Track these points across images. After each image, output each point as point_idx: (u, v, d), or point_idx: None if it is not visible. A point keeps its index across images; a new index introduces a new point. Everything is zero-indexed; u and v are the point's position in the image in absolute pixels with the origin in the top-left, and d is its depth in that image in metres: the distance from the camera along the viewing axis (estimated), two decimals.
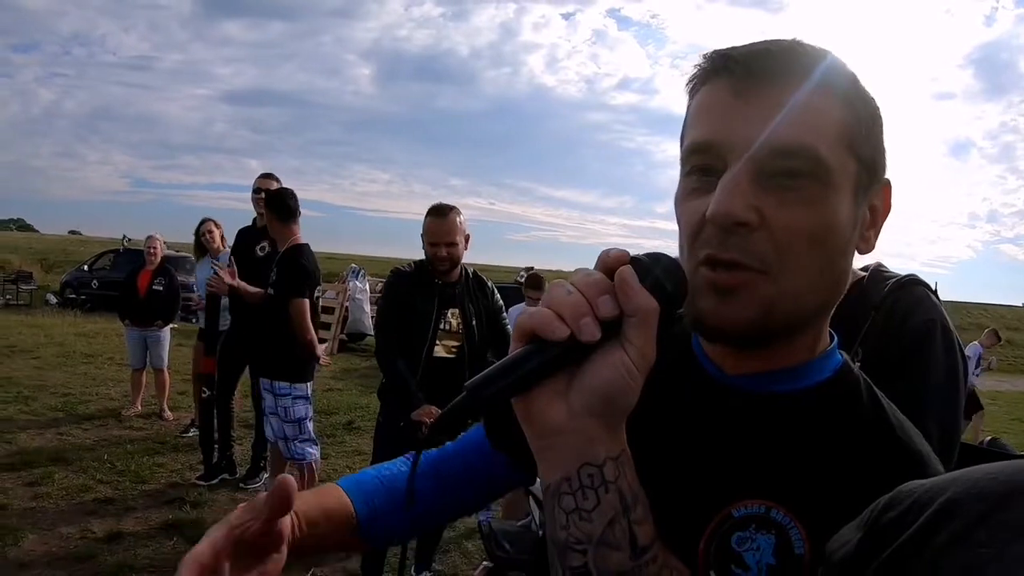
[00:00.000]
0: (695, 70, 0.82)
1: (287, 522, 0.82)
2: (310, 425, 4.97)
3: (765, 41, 0.80)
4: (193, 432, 7.32)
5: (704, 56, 0.81)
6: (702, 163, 0.79)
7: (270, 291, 4.82)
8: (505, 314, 4.33)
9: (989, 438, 3.18)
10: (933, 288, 2.01)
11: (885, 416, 0.83)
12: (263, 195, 5.29)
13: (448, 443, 1.18)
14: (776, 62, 0.76)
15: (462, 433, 1.17)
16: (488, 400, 0.66)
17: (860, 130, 0.78)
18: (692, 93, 0.83)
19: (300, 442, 4.87)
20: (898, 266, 1.99)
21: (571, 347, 0.66)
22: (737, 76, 0.77)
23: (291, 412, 4.84)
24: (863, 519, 0.61)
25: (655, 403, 0.74)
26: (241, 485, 5.98)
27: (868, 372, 0.90)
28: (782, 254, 0.75)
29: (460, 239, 3.93)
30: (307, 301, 4.75)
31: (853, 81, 0.80)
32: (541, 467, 0.71)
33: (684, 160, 0.82)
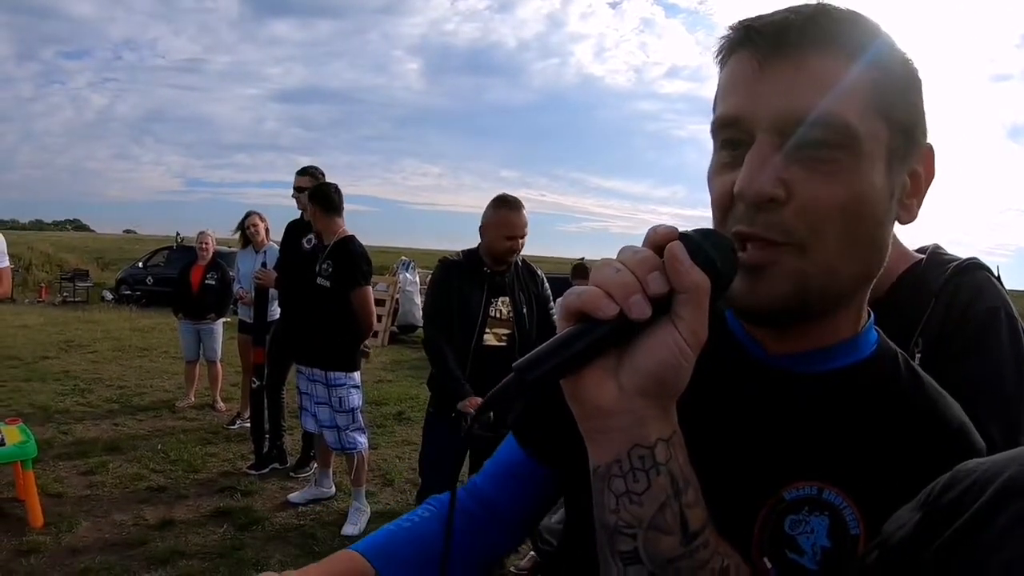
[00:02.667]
0: (720, 42, 0.79)
1: None
2: (361, 414, 5.02)
3: (788, 8, 0.76)
4: (239, 424, 7.42)
5: (729, 27, 0.78)
6: (730, 137, 0.77)
7: (322, 282, 4.84)
8: (553, 304, 4.25)
9: None
10: (996, 273, 1.92)
11: (925, 390, 0.82)
12: (303, 193, 5.39)
13: (475, 478, 1.09)
14: (799, 29, 0.73)
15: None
16: (536, 381, 0.62)
17: (893, 94, 0.74)
18: (721, 65, 0.80)
19: (352, 431, 4.93)
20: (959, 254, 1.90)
21: (620, 326, 0.63)
22: (760, 46, 0.74)
23: (346, 401, 4.91)
24: (920, 500, 0.60)
25: (698, 384, 0.68)
26: (291, 474, 6.00)
27: (929, 362, 0.86)
28: (813, 228, 0.72)
29: (527, 231, 3.91)
30: (369, 288, 4.85)
31: (885, 42, 0.75)
32: (591, 449, 0.67)
33: (713, 135, 0.80)
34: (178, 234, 24.71)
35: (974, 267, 1.86)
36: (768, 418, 0.81)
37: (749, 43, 0.75)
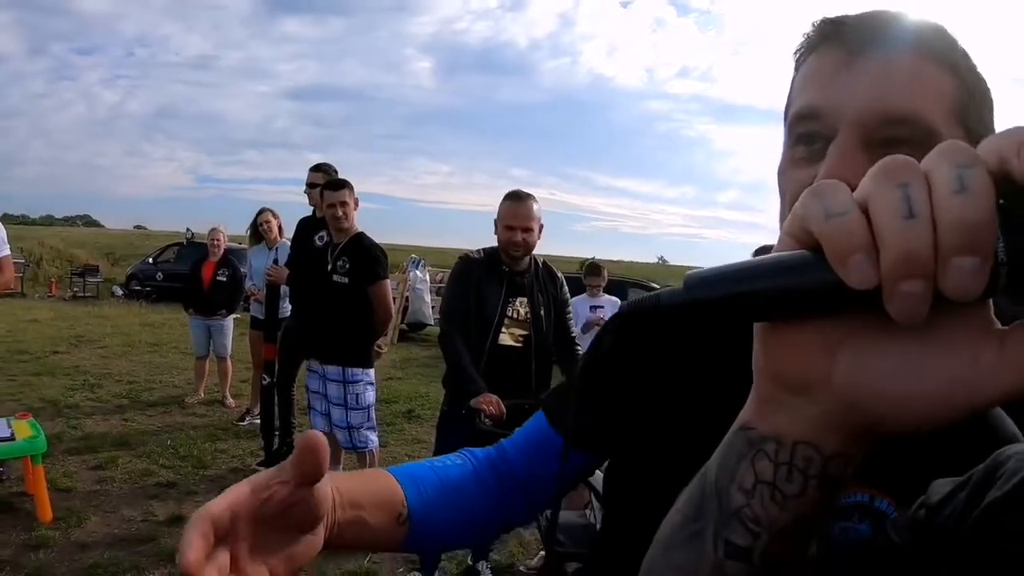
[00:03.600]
0: (803, 39, 0.78)
1: (325, 497, 0.67)
2: (374, 412, 5.02)
3: (874, 11, 0.75)
4: (248, 421, 7.41)
5: (813, 24, 0.77)
6: (809, 130, 0.74)
7: (339, 279, 4.82)
8: (570, 308, 4.26)
9: None
10: None
11: None
12: (316, 189, 5.36)
13: (504, 442, 1.08)
14: (888, 29, 0.73)
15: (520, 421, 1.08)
16: (710, 305, 0.43)
17: (973, 106, 0.73)
18: (799, 63, 0.79)
19: (366, 429, 4.91)
20: None
21: (870, 300, 0.38)
22: (847, 42, 0.73)
23: (363, 398, 4.91)
24: (965, 477, 0.56)
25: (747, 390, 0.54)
26: None
27: None
28: None
29: (535, 225, 3.84)
30: (388, 282, 4.90)
31: (965, 56, 0.75)
32: (753, 399, 0.49)
33: (789, 130, 0.77)
34: (189, 230, 24.73)
35: None
36: None
37: (836, 37, 0.74)
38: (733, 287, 0.42)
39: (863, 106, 0.70)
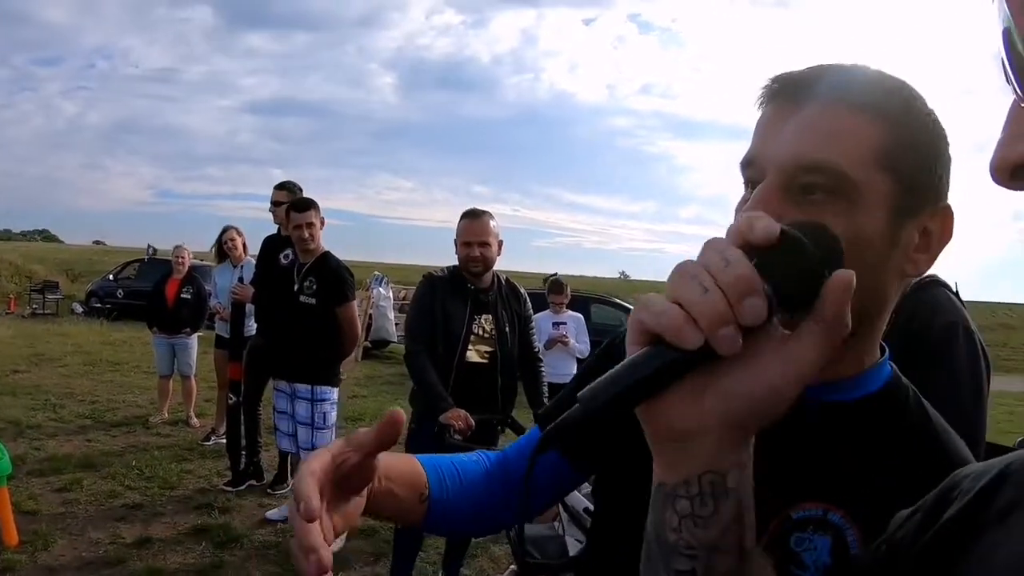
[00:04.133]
0: (759, 93, 0.87)
1: (376, 467, 0.82)
2: (335, 432, 5.10)
3: (820, 65, 0.84)
4: (214, 440, 7.37)
5: (765, 81, 0.86)
6: (750, 176, 0.84)
7: (306, 299, 4.88)
8: (534, 324, 4.36)
9: (1021, 438, 3.16)
10: (954, 289, 2.00)
11: (931, 425, 0.88)
12: (281, 207, 5.41)
13: (508, 449, 1.20)
14: (819, 85, 0.81)
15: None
16: (600, 410, 0.57)
17: (901, 151, 0.80)
18: (757, 112, 0.88)
19: None
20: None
21: (705, 354, 0.55)
22: (781, 98, 0.83)
23: (328, 418, 4.99)
24: (921, 503, 0.65)
25: None
26: (269, 491, 5.97)
27: None
28: None
29: (493, 241, 3.94)
30: (355, 303, 4.99)
31: (904, 104, 0.82)
32: (658, 464, 0.64)
33: (741, 173, 0.87)
34: (150, 246, 24.48)
35: (933, 284, 1.96)
36: (780, 442, 0.83)
37: (776, 95, 0.84)
38: (612, 392, 0.57)
39: (784, 156, 0.79)
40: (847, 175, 0.77)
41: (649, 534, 0.66)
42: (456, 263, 4.04)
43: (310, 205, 4.92)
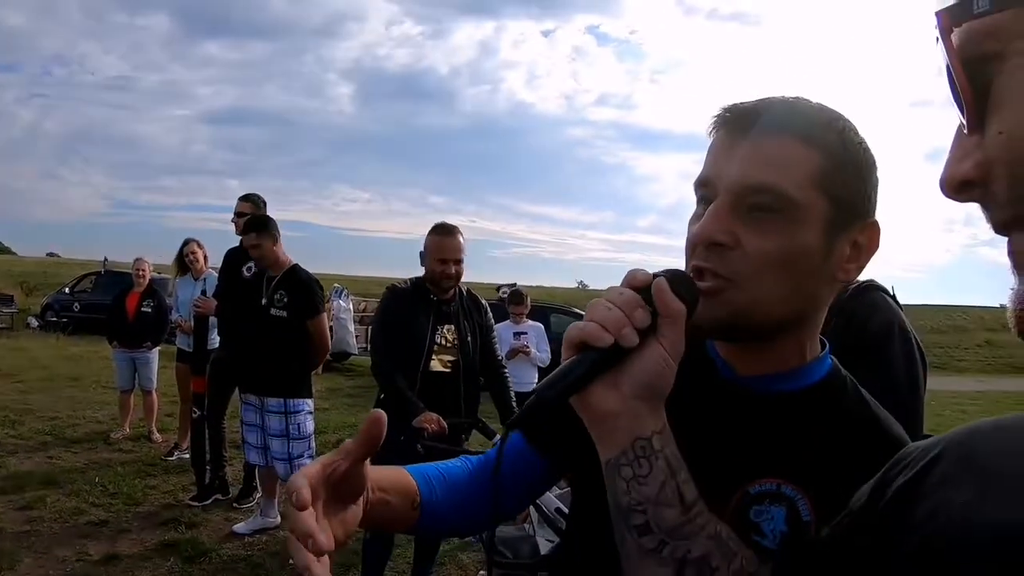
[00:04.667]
0: (711, 120, 0.98)
1: (367, 476, 0.92)
2: (313, 441, 5.15)
3: (768, 98, 0.96)
4: (177, 455, 7.32)
5: (716, 111, 0.98)
6: (703, 194, 0.96)
7: (277, 312, 4.93)
8: (495, 333, 4.47)
9: None
10: (891, 292, 2.14)
11: (868, 409, 1.02)
12: (243, 219, 5.50)
13: (489, 452, 1.33)
14: (761, 117, 0.92)
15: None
16: (553, 399, 0.80)
17: (835, 175, 0.91)
18: (710, 138, 0.99)
19: (306, 458, 4.96)
20: (877, 272, 2.11)
21: (616, 351, 0.80)
22: (732, 126, 0.94)
23: (303, 428, 5.05)
24: (874, 479, 0.75)
25: (681, 399, 0.88)
26: (235, 505, 5.97)
27: None
28: (753, 270, 0.90)
29: (463, 257, 4.07)
30: (325, 316, 5.09)
31: (838, 135, 0.93)
32: (600, 447, 0.85)
33: (695, 192, 0.99)
34: (105, 259, 24.17)
35: (870, 288, 2.10)
36: (735, 427, 1.00)
37: (726, 123, 0.95)
38: (559, 385, 0.80)
39: (734, 179, 0.91)
40: (789, 196, 0.89)
41: (611, 506, 0.85)
42: (419, 275, 4.13)
43: (255, 226, 5.00)
